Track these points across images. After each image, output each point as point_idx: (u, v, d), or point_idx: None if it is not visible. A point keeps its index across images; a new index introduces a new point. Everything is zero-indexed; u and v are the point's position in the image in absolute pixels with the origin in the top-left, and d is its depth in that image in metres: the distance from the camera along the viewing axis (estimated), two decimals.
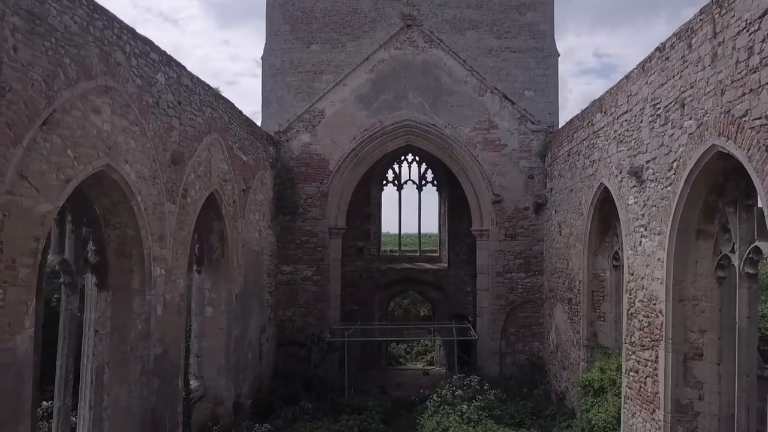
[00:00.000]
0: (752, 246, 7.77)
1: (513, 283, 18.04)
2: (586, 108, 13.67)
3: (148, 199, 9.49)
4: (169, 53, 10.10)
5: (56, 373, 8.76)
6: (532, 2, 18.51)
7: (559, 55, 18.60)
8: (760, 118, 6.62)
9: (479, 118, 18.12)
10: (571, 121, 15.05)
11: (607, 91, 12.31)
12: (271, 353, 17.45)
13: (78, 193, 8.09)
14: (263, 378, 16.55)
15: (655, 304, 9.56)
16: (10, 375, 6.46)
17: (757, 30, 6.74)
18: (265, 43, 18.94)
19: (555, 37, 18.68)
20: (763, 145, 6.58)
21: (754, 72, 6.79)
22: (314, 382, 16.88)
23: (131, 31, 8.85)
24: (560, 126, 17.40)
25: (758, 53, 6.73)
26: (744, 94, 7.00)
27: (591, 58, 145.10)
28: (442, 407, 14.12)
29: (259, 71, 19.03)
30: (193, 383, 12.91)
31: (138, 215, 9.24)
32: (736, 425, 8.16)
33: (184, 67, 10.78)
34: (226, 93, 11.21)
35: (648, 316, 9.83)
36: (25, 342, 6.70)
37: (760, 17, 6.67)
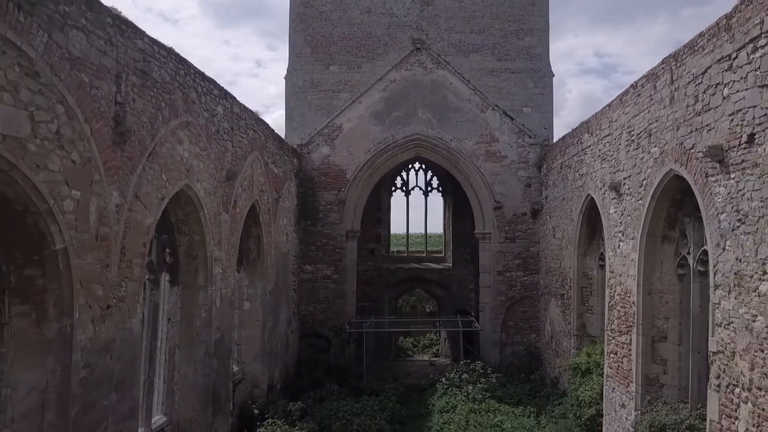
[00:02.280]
0: (702, 249, 9.76)
1: (512, 281, 20.05)
2: (576, 128, 15.67)
3: (210, 210, 11.48)
4: (225, 88, 12.11)
5: (142, 353, 10.73)
6: (529, 28, 20.51)
7: (553, 75, 20.62)
8: (701, 151, 8.60)
9: (482, 133, 20.12)
10: (564, 138, 17.06)
11: (593, 115, 14.31)
12: (295, 344, 19.45)
13: None
14: (289, 366, 18.54)
15: (629, 297, 11.56)
16: (129, 348, 8.47)
17: (700, 83, 8.74)
18: (288, 65, 20.94)
19: (550, 59, 20.71)
20: (704, 172, 8.58)
21: (699, 115, 8.79)
22: (334, 369, 18.85)
23: (201, 74, 10.85)
24: (554, 140, 19.43)
25: (701, 101, 8.73)
26: (692, 132, 9.01)
27: (591, 58, 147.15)
28: (450, 389, 16.17)
29: (259, 71, 21.33)
30: (235, 367, 14.87)
31: (204, 224, 11.23)
32: (690, 393, 10.17)
33: (234, 98, 12.79)
34: None
35: (624, 307, 11.83)
36: (138, 324, 8.72)
37: (702, 74, 8.67)
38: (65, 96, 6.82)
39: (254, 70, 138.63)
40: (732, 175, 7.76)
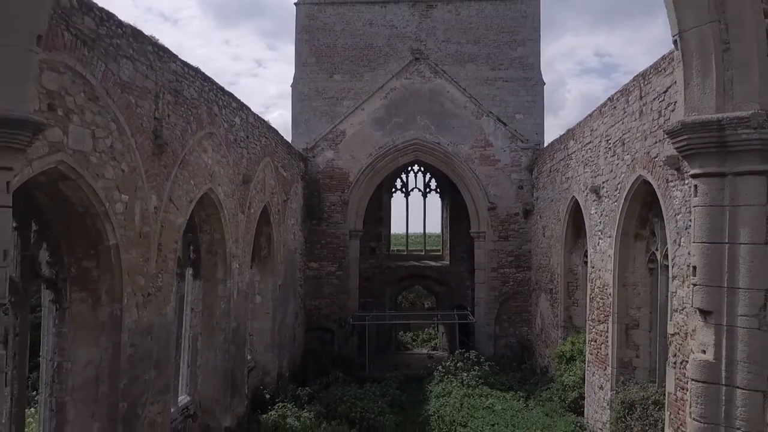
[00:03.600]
0: (666, 246, 11.01)
1: (505, 277, 21.29)
2: (563, 135, 16.92)
3: (229, 211, 12.73)
4: (241, 101, 13.36)
5: (174, 337, 11.98)
6: (521, 39, 21.78)
7: (544, 84, 21.88)
8: (663, 160, 9.85)
9: (477, 138, 21.37)
10: (552, 143, 18.32)
11: (577, 124, 15.56)
12: (302, 336, 20.70)
13: None
14: (296, 356, 19.78)
15: (607, 289, 12.80)
16: (165, 332, 9.73)
17: (663, 100, 10.00)
18: (294, 73, 22.20)
19: (541, 68, 21.97)
20: (665, 178, 9.84)
21: (661, 128, 10.04)
22: (338, 360, 20.09)
23: (221, 89, 12.09)
24: (545, 144, 20.69)
25: (663, 116, 9.98)
26: (656, 142, 10.26)
27: (592, 58, 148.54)
28: (446, 376, 17.42)
29: (259, 71, 22.56)
30: (248, 356, 16.10)
31: (223, 223, 12.48)
32: (657, 373, 11.42)
33: (250, 109, 14.04)
34: None
35: (602, 299, 13.09)
36: (171, 310, 9.97)
37: (664, 92, 9.92)
38: (117, 115, 8.08)
39: (254, 70, 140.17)
40: (685, 181, 9.01)
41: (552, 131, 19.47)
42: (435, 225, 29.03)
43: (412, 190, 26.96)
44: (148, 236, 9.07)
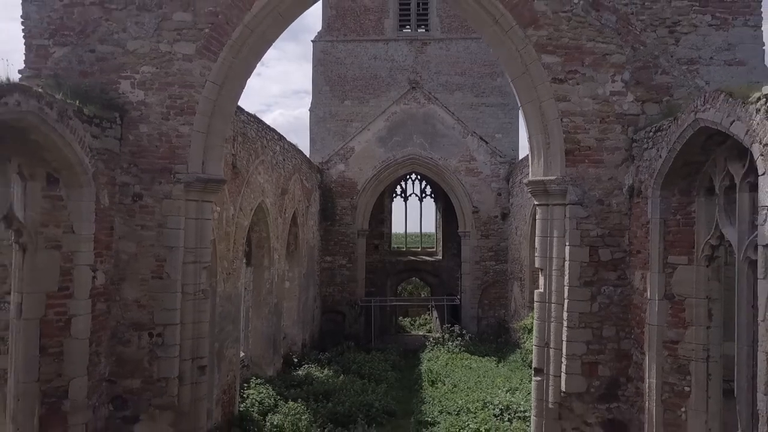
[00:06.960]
0: None
1: (486, 269, 25.70)
2: (528, 154, 21.32)
3: (272, 216, 17.14)
4: (280, 132, 17.79)
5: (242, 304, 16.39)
6: (500, 71, 26.11)
7: (519, 107, 26.26)
8: None
9: (463, 153, 25.76)
10: (522, 160, 22.73)
11: None
12: (319, 317, 25.13)
13: None
14: (314, 333, 24.19)
15: None
16: (237, 299, 14.15)
17: None
18: (312, 99, 26.69)
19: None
20: None
21: None
22: (349, 337, 24.52)
23: (269, 127, 16.50)
24: (519, 159, 25.11)
25: None
26: None
27: None
28: (436, 346, 21.88)
29: (262, 69, 27.91)
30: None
31: (269, 225, 16.90)
32: None
33: (285, 138, 18.46)
34: None
35: None
36: (240, 286, 14.41)
37: None
38: None
39: (257, 69, 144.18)
40: None
41: (520, 152, 23.03)
42: (430, 225, 33.54)
43: (410, 195, 31.43)
44: (228, 234, 13.49)
